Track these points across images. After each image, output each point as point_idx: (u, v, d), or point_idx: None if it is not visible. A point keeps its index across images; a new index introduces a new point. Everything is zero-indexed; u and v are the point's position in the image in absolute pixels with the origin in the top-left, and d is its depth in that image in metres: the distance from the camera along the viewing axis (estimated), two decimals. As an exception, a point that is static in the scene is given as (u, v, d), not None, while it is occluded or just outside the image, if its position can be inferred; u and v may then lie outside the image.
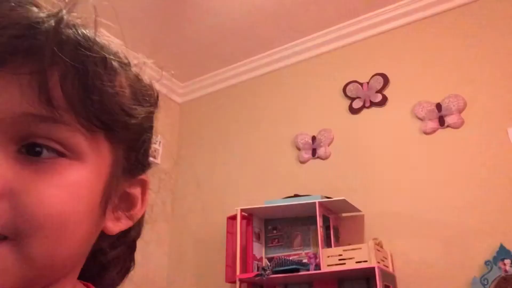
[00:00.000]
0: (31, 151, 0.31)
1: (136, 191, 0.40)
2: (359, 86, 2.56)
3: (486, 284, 1.82)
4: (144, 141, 0.39)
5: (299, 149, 2.64)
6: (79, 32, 0.32)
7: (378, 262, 1.85)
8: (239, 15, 2.64)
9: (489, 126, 2.11)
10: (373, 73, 2.54)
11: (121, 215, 0.39)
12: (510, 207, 1.92)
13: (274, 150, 2.75)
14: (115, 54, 0.35)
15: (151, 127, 0.40)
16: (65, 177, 0.32)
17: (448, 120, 2.21)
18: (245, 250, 2.23)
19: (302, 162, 2.60)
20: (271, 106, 2.90)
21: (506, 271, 1.80)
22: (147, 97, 0.38)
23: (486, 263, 1.86)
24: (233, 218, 2.31)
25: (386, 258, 2.00)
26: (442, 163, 2.16)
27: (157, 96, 0.40)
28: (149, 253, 2.74)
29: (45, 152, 0.31)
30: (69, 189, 0.32)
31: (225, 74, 3.16)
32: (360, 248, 1.88)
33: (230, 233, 2.33)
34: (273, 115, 2.87)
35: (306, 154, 2.59)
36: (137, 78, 0.38)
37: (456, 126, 2.19)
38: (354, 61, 2.67)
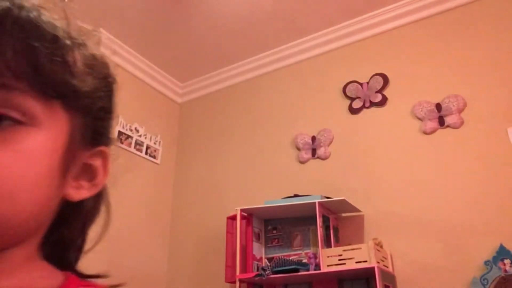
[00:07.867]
0: None
1: (97, 162, 0.43)
2: (359, 86, 2.56)
3: (486, 284, 1.82)
4: (100, 111, 0.42)
5: (299, 149, 2.64)
6: (32, 14, 0.35)
7: (378, 262, 1.85)
8: (239, 15, 2.64)
9: (489, 126, 2.11)
10: (373, 73, 2.54)
11: (83, 184, 0.42)
12: (510, 207, 1.92)
13: (274, 150, 2.75)
14: (70, 35, 0.38)
15: (108, 99, 0.43)
16: (21, 143, 0.34)
17: (448, 120, 2.21)
18: (245, 250, 2.23)
19: (302, 162, 2.60)
20: (271, 106, 2.90)
21: (506, 271, 1.80)
22: (100, 70, 0.42)
23: (486, 263, 1.86)
24: (233, 218, 2.31)
25: (386, 258, 2.00)
26: (442, 163, 2.16)
27: (111, 70, 0.44)
28: (149, 253, 2.74)
29: (3, 121, 0.33)
30: (25, 154, 0.34)
31: (225, 74, 3.16)
32: (360, 248, 1.88)
33: (230, 233, 2.32)
34: (273, 115, 2.87)
35: (306, 154, 2.59)
36: (92, 55, 0.41)
37: (456, 126, 2.19)
38: (354, 61, 2.67)
